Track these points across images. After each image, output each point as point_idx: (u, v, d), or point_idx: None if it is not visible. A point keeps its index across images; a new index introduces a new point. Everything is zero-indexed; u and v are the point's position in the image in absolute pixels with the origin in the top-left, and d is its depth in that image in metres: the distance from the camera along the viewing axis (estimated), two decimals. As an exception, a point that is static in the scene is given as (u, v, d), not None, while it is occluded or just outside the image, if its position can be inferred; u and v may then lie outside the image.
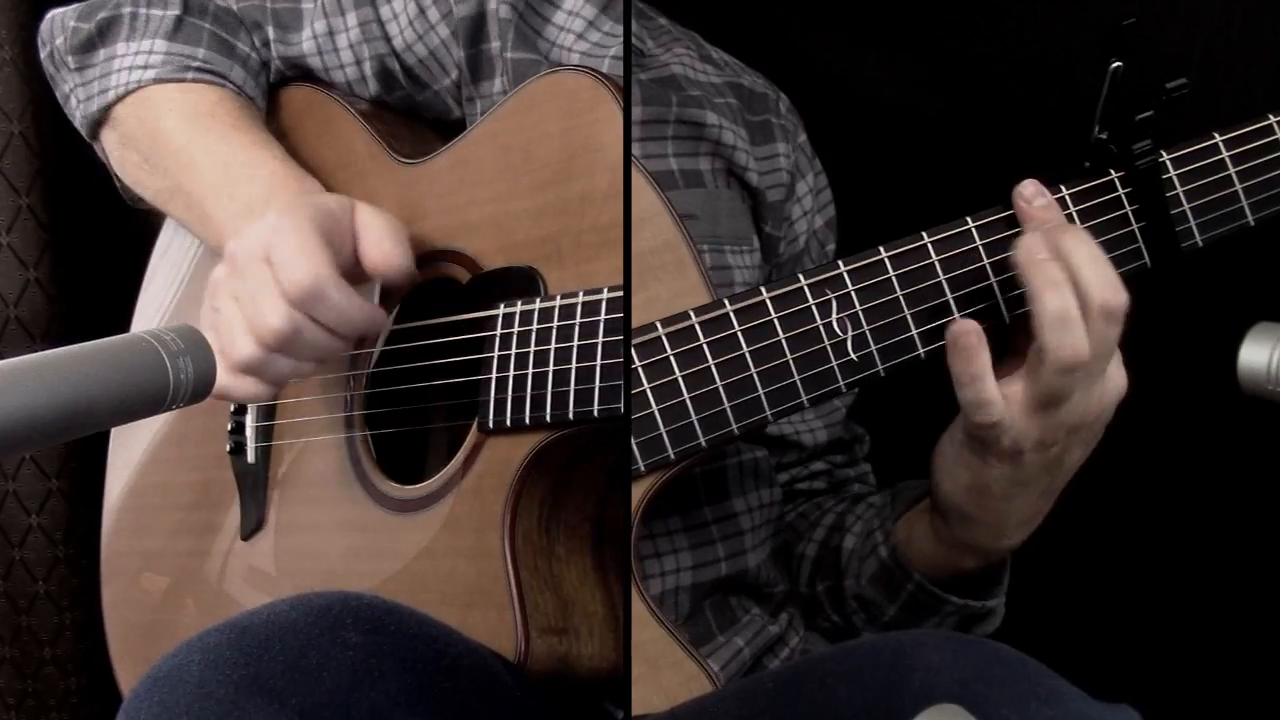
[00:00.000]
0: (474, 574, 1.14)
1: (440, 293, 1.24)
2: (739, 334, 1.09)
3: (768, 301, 1.09)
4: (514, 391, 1.14)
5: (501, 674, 1.06)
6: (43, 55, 1.44)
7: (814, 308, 1.10)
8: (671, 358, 1.08)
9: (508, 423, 1.14)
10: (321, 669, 0.92)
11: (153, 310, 1.52)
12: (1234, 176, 1.15)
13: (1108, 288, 1.05)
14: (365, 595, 1.00)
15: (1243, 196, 1.16)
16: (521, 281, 1.17)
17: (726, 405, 1.09)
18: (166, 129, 1.33)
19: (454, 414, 1.22)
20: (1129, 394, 1.11)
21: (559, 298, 1.13)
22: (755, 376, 1.09)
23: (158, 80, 1.35)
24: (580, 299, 1.11)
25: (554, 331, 1.12)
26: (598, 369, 1.09)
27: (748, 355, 1.09)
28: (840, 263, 1.11)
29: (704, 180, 1.35)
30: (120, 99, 1.35)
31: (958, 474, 1.15)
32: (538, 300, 1.14)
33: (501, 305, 1.16)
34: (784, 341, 1.10)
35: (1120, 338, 1.08)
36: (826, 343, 1.10)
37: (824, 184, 1.50)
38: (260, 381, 1.18)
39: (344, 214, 1.20)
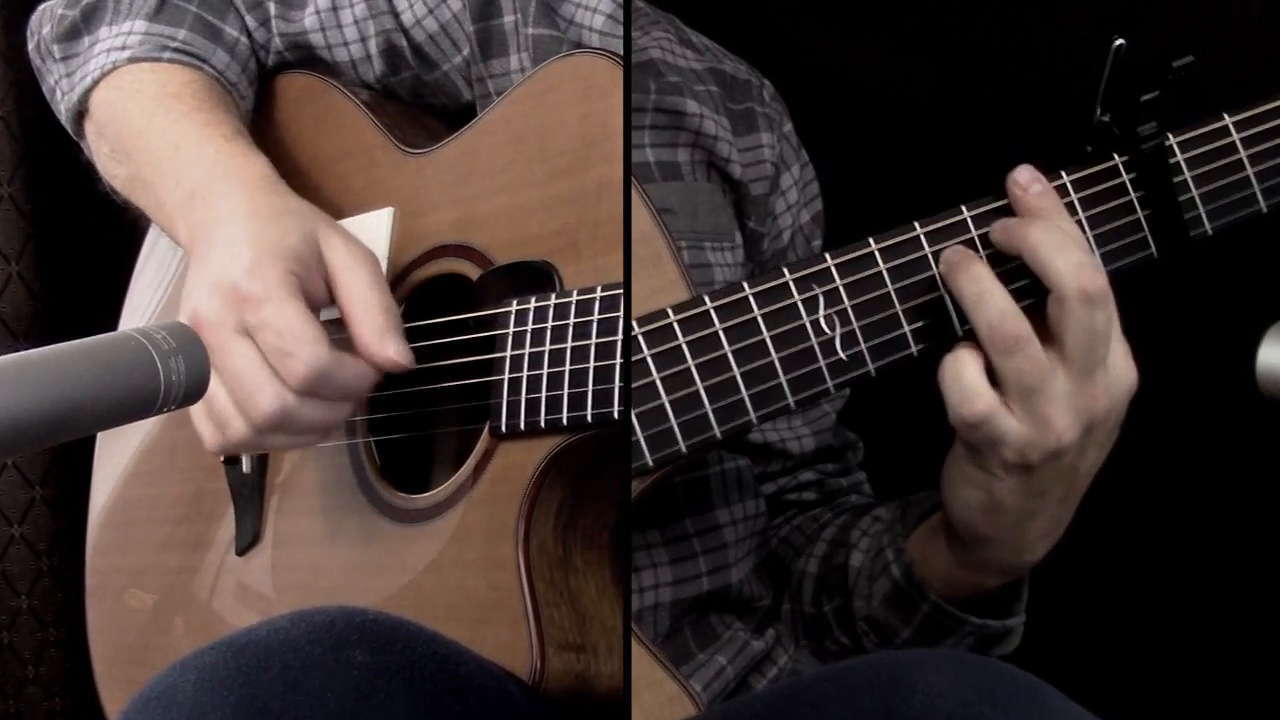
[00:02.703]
0: (485, 588, 1.13)
1: (449, 289, 1.24)
2: (720, 333, 1.07)
3: (750, 298, 1.07)
4: (528, 393, 1.13)
5: (515, 694, 1.05)
6: (30, 47, 1.44)
7: (800, 304, 1.08)
8: (648, 359, 1.06)
9: (521, 426, 1.13)
10: (324, 689, 0.91)
11: (141, 308, 1.52)
12: (1245, 160, 1.14)
13: (1082, 272, 1.03)
14: (370, 611, 0.99)
15: (1255, 182, 1.14)
16: (535, 276, 1.16)
17: (708, 408, 1.07)
18: (131, 112, 1.32)
19: (464, 418, 1.22)
20: (1136, 397, 1.09)
21: (575, 293, 1.12)
22: (738, 377, 1.07)
23: (133, 60, 1.33)
24: (598, 294, 1.10)
25: (570, 329, 1.11)
26: (617, 368, 1.09)
27: (730, 355, 1.07)
28: (827, 256, 1.09)
29: (682, 172, 1.35)
30: (96, 84, 1.34)
31: (967, 495, 1.13)
32: (552, 296, 1.13)
33: (514, 302, 1.16)
34: (768, 340, 1.07)
35: (1120, 326, 1.06)
36: (813, 341, 1.08)
37: (811, 176, 1.49)
38: (257, 449, 1.18)
39: (309, 253, 1.16)
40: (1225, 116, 1.14)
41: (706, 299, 1.07)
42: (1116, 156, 1.12)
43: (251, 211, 1.18)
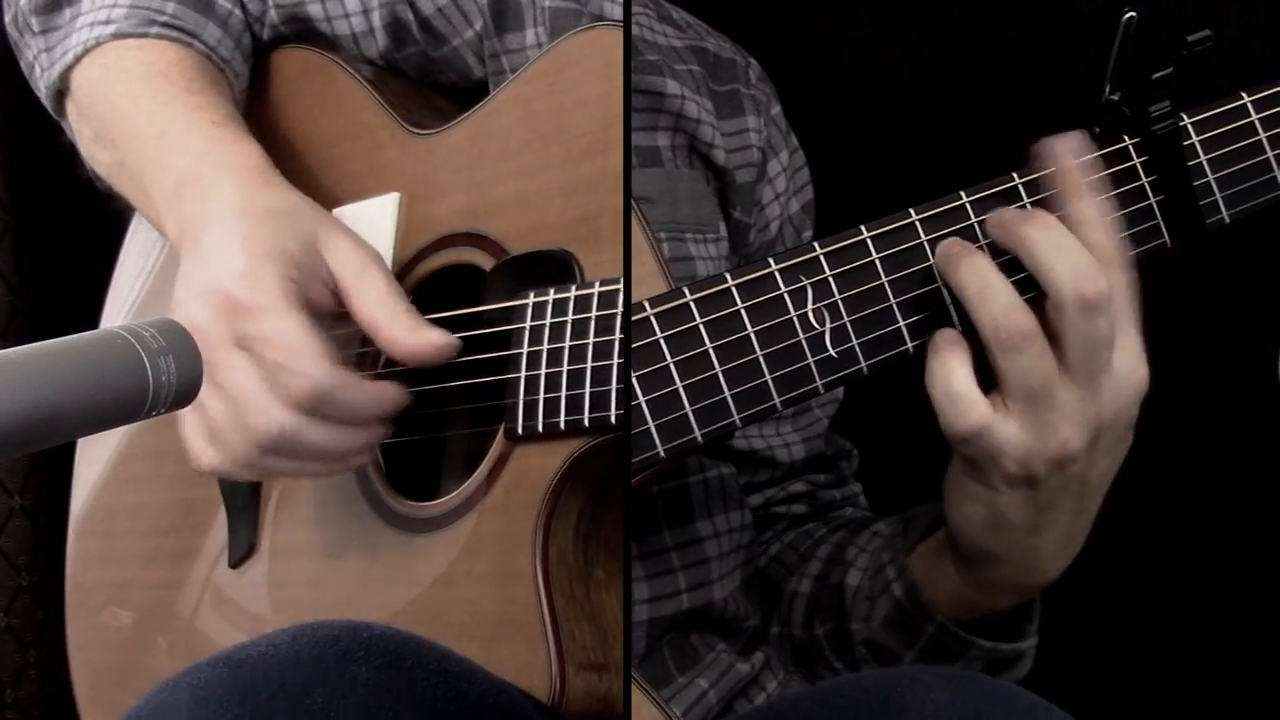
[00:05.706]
0: (501, 602, 1.12)
1: (459, 281, 1.24)
2: (701, 328, 1.07)
3: (733, 290, 1.07)
4: (546, 392, 1.12)
5: (532, 715, 1.05)
6: (7, 20, 1.44)
7: (787, 296, 1.08)
8: None
9: (539, 428, 1.12)
10: (328, 709, 0.91)
11: (122, 304, 1.51)
12: (1265, 142, 1.13)
13: (1080, 277, 1.02)
14: (377, 625, 0.99)
15: (1275, 165, 1.13)
16: (553, 267, 1.16)
17: (688, 409, 1.06)
18: (115, 94, 1.32)
19: (477, 419, 1.21)
20: (1151, 397, 1.08)
21: (597, 285, 1.12)
22: (720, 376, 1.07)
23: (117, 35, 1.32)
24: (620, 286, 1.10)
25: (591, 323, 1.11)
26: (627, 367, 1.08)
27: (711, 352, 1.07)
28: (816, 245, 1.08)
29: (662, 158, 1.34)
30: (78, 60, 1.34)
31: (970, 512, 1.12)
32: (572, 288, 1.13)
33: (531, 294, 1.15)
34: (752, 336, 1.07)
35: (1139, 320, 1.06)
36: (801, 336, 1.08)
37: (801, 163, 1.49)
38: (258, 472, 1.19)
39: (308, 256, 1.16)
40: (1244, 95, 1.14)
41: (686, 291, 1.07)
42: (1127, 138, 1.12)
43: (244, 209, 1.18)
